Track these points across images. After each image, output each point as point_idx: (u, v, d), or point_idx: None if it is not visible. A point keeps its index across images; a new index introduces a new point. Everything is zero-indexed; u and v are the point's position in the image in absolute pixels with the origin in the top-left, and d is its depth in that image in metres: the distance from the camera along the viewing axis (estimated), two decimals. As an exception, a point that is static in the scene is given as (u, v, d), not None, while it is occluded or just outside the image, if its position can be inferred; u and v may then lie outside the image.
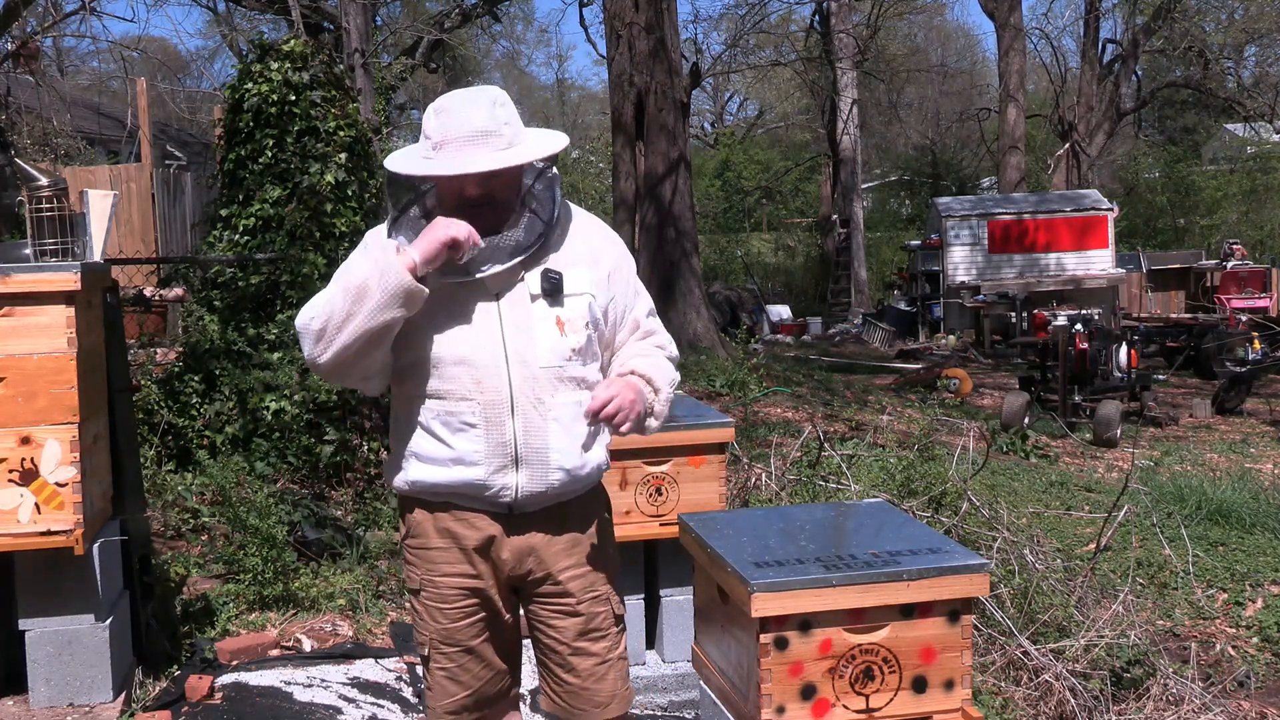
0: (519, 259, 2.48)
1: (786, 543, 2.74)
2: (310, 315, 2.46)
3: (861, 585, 2.49)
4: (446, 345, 2.46)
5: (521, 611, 2.67)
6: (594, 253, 2.59)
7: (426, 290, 2.40)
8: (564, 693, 2.61)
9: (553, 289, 2.50)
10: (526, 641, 2.73)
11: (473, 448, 2.47)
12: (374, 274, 2.39)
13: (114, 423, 4.16)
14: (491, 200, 2.47)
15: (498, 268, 2.46)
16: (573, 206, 2.65)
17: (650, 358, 2.62)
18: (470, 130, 2.43)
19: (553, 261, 2.53)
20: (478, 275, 2.46)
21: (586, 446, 2.55)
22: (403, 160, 2.51)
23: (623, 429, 2.47)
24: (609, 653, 2.61)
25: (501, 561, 2.55)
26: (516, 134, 2.48)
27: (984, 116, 32.25)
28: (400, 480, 2.56)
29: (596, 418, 2.45)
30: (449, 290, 2.48)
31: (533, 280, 2.51)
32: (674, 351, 2.70)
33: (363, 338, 2.41)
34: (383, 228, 2.58)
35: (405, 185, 2.56)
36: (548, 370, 2.49)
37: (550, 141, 2.54)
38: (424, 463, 2.51)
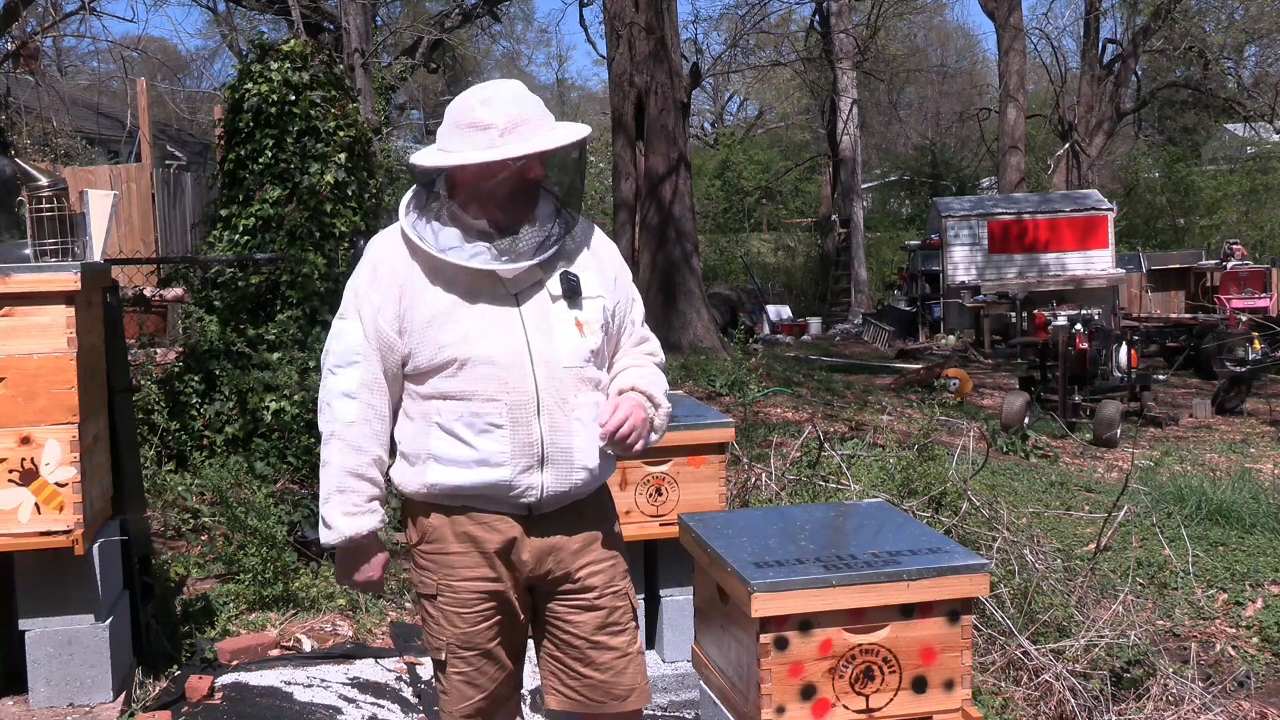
0: (544, 256, 2.50)
1: (786, 543, 2.74)
2: (324, 424, 2.56)
3: (861, 585, 2.49)
4: (470, 347, 2.46)
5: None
6: (598, 258, 2.63)
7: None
8: (581, 687, 2.60)
9: (572, 291, 2.53)
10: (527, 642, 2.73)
11: (498, 448, 2.46)
12: (328, 516, 2.54)
13: (114, 423, 4.16)
14: (536, 187, 2.50)
15: (524, 263, 2.48)
16: (575, 214, 2.66)
17: (644, 369, 2.64)
18: (533, 111, 2.50)
19: (566, 265, 2.56)
20: (503, 267, 2.47)
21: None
22: (468, 150, 2.46)
23: (636, 448, 2.53)
24: (628, 646, 2.62)
25: (521, 563, 2.54)
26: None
27: (984, 116, 32.27)
28: (416, 483, 2.53)
29: (612, 439, 2.50)
30: (468, 292, 2.49)
31: (552, 283, 2.53)
32: (662, 357, 2.73)
33: None
34: (387, 235, 2.59)
35: (428, 175, 2.55)
36: (570, 371, 2.50)
37: (583, 128, 2.61)
38: (445, 465, 2.49)
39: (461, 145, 2.48)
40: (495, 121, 2.45)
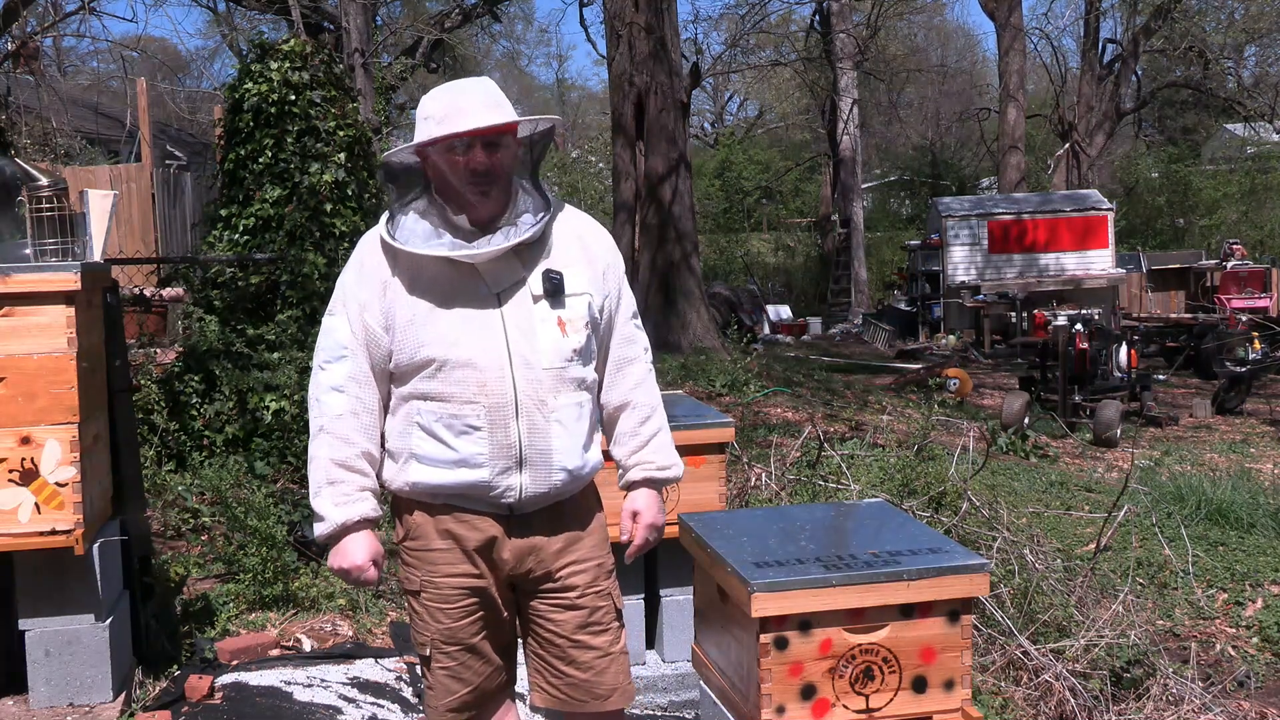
0: (519, 239, 2.49)
1: (786, 543, 2.75)
2: (313, 416, 2.58)
3: (861, 585, 2.49)
4: (450, 349, 2.47)
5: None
6: (588, 251, 2.61)
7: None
8: (563, 685, 2.61)
9: (554, 290, 2.52)
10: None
11: (477, 450, 2.47)
12: (318, 508, 2.55)
13: (114, 423, 4.16)
14: (494, 176, 2.48)
15: (500, 244, 2.47)
16: (563, 203, 2.66)
17: (646, 420, 2.69)
18: (478, 99, 2.49)
19: (550, 261, 2.54)
20: (478, 249, 2.47)
21: (586, 447, 2.58)
22: (404, 143, 2.56)
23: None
24: (610, 646, 2.62)
25: (502, 562, 2.56)
26: (512, 110, 2.55)
27: (984, 116, 32.24)
28: (400, 481, 2.56)
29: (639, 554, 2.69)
30: (449, 293, 2.49)
31: (534, 281, 2.52)
32: (649, 356, 2.75)
33: None
34: (374, 233, 2.60)
35: (403, 177, 2.57)
36: (550, 372, 2.50)
37: (545, 119, 2.60)
38: (426, 464, 2.51)
39: (415, 138, 2.54)
40: (434, 112, 2.49)
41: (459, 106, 2.47)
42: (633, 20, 14.36)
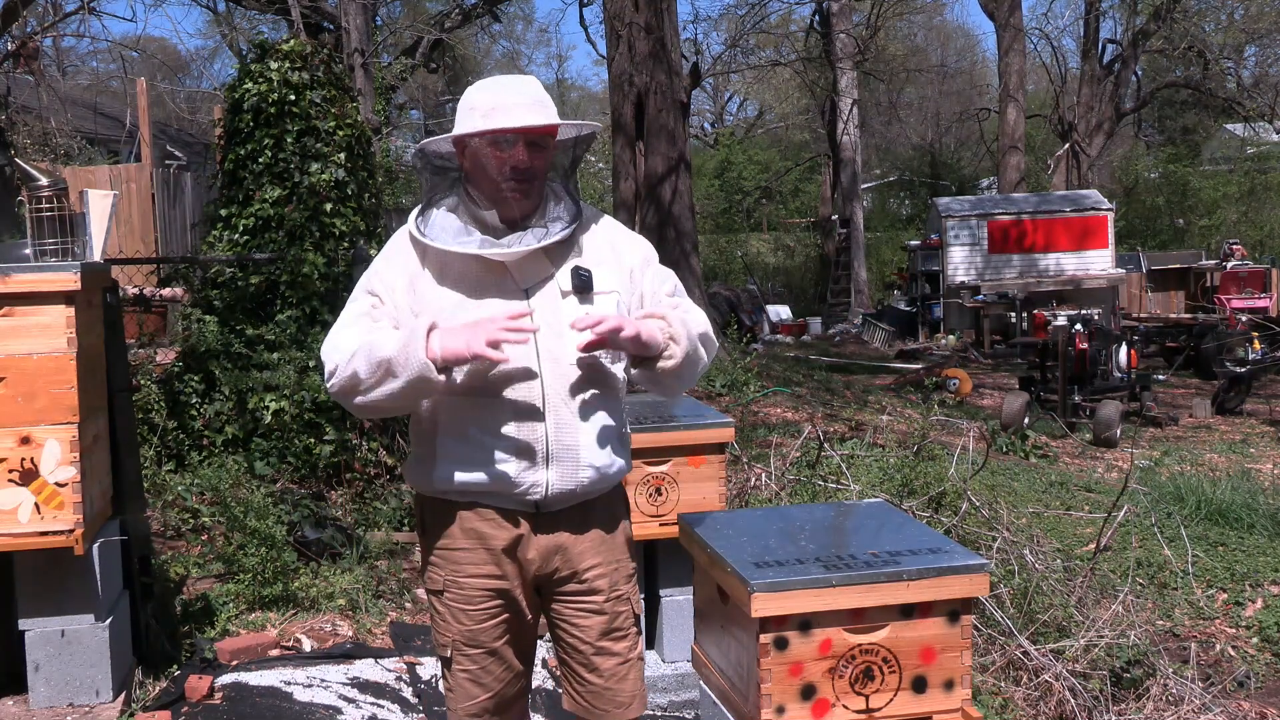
0: (551, 240, 2.48)
1: (786, 543, 2.74)
2: (333, 362, 2.45)
3: (861, 585, 2.49)
4: None
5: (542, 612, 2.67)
6: (616, 252, 2.60)
7: (443, 381, 2.37)
8: (587, 693, 2.61)
9: (583, 286, 2.51)
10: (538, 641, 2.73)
11: (503, 445, 2.46)
12: (399, 357, 2.36)
13: (114, 423, 4.16)
14: (533, 175, 2.47)
15: (510, 250, 2.46)
16: (594, 209, 2.66)
17: (681, 308, 2.58)
18: (526, 97, 2.47)
19: (579, 260, 2.54)
20: (486, 252, 2.45)
21: (615, 446, 2.56)
22: (450, 132, 2.53)
23: (624, 336, 2.41)
24: (630, 652, 2.62)
25: (527, 561, 2.54)
26: (556, 112, 2.54)
27: (984, 116, 32.25)
28: (425, 479, 2.54)
29: (592, 343, 2.42)
30: (476, 287, 2.48)
31: (563, 278, 2.52)
32: (701, 318, 2.61)
33: (387, 407, 2.46)
34: (405, 230, 2.59)
35: (437, 168, 2.55)
36: (578, 368, 2.49)
37: (588, 125, 2.60)
38: (452, 461, 2.49)
39: (456, 128, 2.52)
40: (480, 104, 2.48)
41: (507, 102, 2.46)
42: (633, 20, 14.35)
